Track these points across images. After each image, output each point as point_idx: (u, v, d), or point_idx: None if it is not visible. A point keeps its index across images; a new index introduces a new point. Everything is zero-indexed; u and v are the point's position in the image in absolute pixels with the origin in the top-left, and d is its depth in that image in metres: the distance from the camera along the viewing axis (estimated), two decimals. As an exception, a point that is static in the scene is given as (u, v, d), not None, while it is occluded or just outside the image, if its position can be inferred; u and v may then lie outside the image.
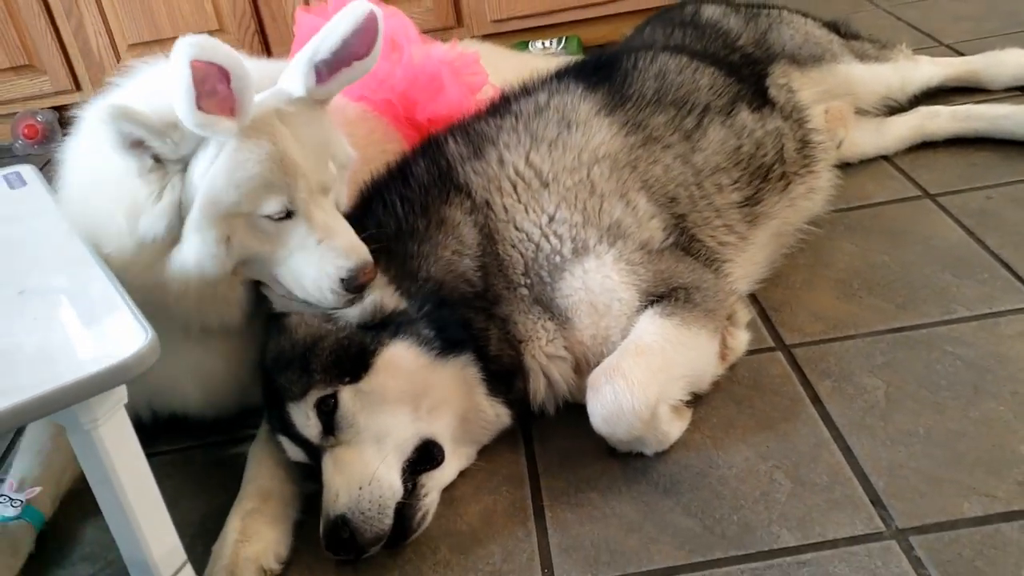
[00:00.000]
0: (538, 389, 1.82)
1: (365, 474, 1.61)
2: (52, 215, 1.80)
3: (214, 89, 1.53)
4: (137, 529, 1.48)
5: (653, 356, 1.70)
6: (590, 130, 1.98)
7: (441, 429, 1.71)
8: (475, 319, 1.77)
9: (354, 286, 1.67)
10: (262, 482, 1.72)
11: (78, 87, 3.73)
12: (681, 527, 1.57)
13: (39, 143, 3.70)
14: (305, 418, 1.67)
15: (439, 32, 3.66)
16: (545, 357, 1.81)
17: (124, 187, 1.66)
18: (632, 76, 2.15)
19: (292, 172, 1.64)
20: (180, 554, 1.56)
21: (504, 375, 1.78)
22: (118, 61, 3.66)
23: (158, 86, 1.66)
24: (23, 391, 1.28)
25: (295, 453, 1.73)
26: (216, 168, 1.61)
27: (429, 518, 1.67)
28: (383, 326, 1.71)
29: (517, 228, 1.85)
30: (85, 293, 1.53)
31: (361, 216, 1.85)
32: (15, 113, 3.75)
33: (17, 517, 1.75)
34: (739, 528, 1.55)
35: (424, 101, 2.27)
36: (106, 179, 1.69)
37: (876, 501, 1.56)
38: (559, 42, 3.65)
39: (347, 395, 1.66)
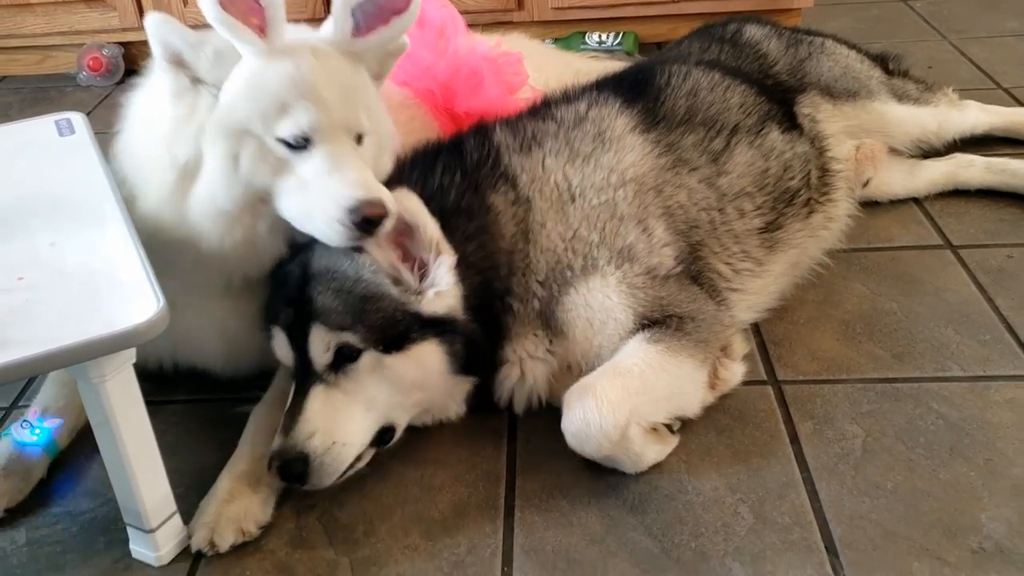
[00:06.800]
0: (507, 377, 1.89)
1: (347, 433, 1.70)
2: (95, 168, 1.89)
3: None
4: (132, 479, 1.59)
5: (630, 378, 1.75)
6: (623, 149, 2.01)
7: (406, 419, 1.81)
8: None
9: (360, 219, 1.66)
10: (257, 446, 1.81)
11: (145, 25, 3.83)
12: (640, 546, 1.64)
13: (102, 76, 3.81)
14: (323, 346, 1.72)
15: (500, 14, 3.70)
16: (526, 354, 1.88)
17: (167, 118, 1.73)
18: (665, 93, 2.18)
19: (312, 99, 1.68)
20: (171, 505, 1.68)
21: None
22: (185, 4, 3.76)
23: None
24: (37, 344, 1.40)
25: (284, 352, 1.79)
26: (236, 79, 1.68)
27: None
28: (433, 322, 1.76)
29: (548, 236, 1.88)
30: (111, 253, 1.63)
31: (424, 175, 1.88)
32: (83, 44, 3.86)
33: (34, 444, 1.87)
34: (694, 555, 1.62)
35: (464, 94, 2.32)
36: (156, 116, 1.76)
37: (831, 548, 1.61)
38: (616, 36, 3.66)
39: (370, 358, 1.72)
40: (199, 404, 2.09)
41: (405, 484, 1.82)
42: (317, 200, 1.69)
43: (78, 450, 1.95)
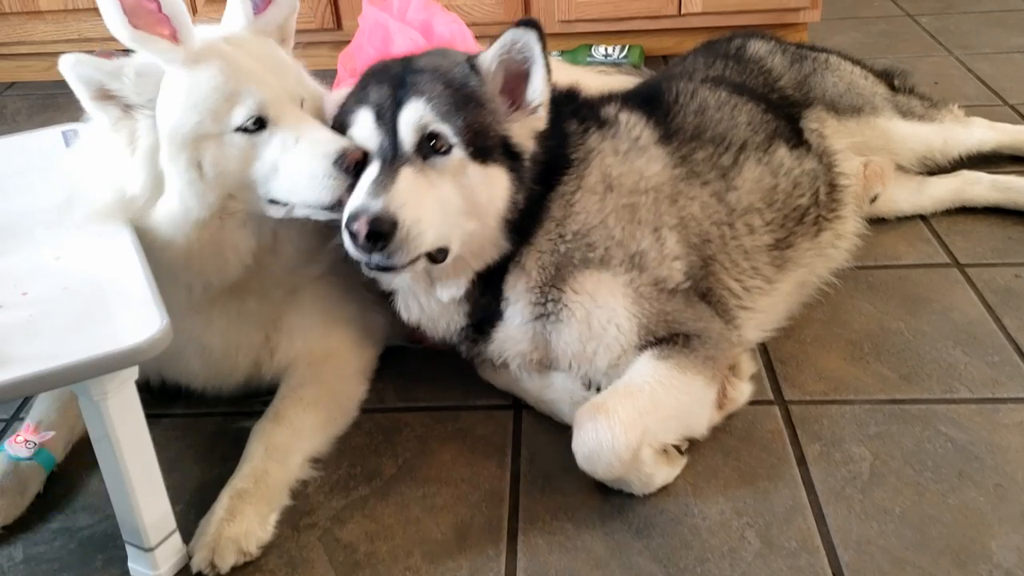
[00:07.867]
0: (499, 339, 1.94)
1: (430, 219, 1.68)
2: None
3: (145, 8, 1.63)
4: (132, 496, 1.57)
5: (641, 397, 1.74)
6: (651, 157, 2.02)
7: (457, 246, 1.78)
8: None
9: (346, 165, 1.71)
10: (257, 463, 1.79)
11: (153, 33, 3.84)
12: (645, 571, 1.62)
13: (110, 82, 3.81)
14: (417, 123, 1.71)
15: (507, 27, 3.68)
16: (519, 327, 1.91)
17: (104, 153, 1.76)
18: (674, 109, 2.17)
19: (250, 79, 1.73)
20: (170, 523, 1.66)
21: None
22: (195, 13, 3.75)
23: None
24: (39, 362, 1.38)
25: (367, 132, 1.75)
26: (170, 95, 1.70)
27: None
28: (510, 154, 1.78)
29: (592, 202, 1.89)
30: (115, 268, 1.62)
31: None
32: (92, 51, 3.84)
33: (29, 458, 1.85)
34: (700, 580, 1.60)
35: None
36: (91, 156, 1.80)
37: (838, 574, 1.59)
38: (622, 49, 3.65)
39: (458, 157, 1.73)
40: (200, 418, 2.07)
41: (407, 503, 1.80)
42: (297, 169, 1.74)
43: (77, 464, 1.93)
